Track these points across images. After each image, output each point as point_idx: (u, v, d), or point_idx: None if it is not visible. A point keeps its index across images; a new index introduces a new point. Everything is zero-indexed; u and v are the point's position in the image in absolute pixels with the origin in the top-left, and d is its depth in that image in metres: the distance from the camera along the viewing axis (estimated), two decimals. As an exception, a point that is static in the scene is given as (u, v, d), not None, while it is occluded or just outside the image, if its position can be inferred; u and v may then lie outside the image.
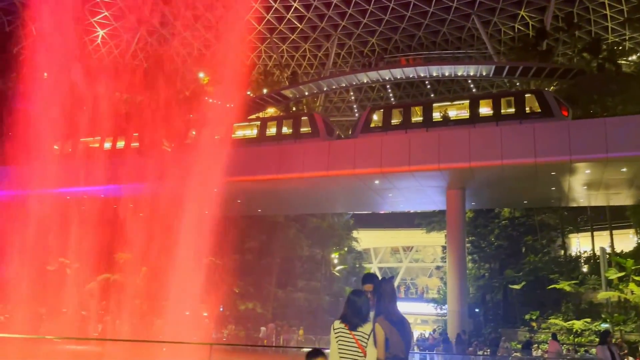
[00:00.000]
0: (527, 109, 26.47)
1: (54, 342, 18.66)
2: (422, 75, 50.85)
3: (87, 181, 33.99)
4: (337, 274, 54.32)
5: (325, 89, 55.13)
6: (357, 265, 59.51)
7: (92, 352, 18.91)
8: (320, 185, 30.36)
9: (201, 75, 64.30)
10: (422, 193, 30.72)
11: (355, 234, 57.75)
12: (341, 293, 53.43)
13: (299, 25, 64.71)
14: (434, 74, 50.60)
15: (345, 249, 56.28)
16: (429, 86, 65.63)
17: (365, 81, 53.34)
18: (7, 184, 36.63)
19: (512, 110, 26.81)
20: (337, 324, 5.71)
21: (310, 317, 46.57)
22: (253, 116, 52.54)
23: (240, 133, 34.81)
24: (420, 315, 53.22)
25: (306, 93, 54.64)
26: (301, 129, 31.56)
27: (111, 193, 35.59)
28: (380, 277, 6.20)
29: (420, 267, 73.19)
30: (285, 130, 32.38)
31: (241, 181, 30.13)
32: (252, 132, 34.46)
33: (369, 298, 5.81)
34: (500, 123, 26.06)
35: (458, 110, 29.36)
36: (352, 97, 71.39)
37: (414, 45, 61.99)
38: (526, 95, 27.62)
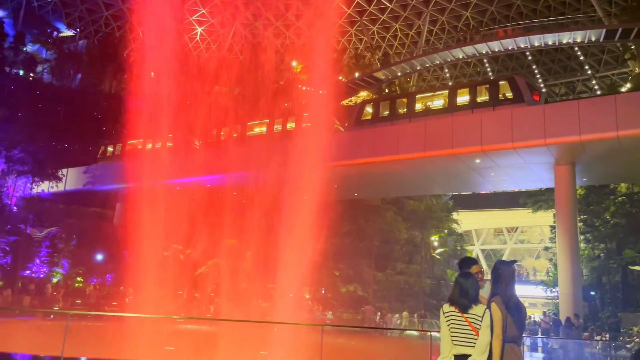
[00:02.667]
0: (501, 95, 27.70)
1: (175, 322, 20.19)
2: (522, 46, 47.89)
3: (193, 171, 36.13)
4: (438, 256, 53.33)
5: (418, 68, 53.81)
6: (459, 248, 57.99)
7: (207, 331, 20.21)
8: (417, 167, 29.83)
9: (294, 63, 65.45)
10: (527, 170, 29.11)
11: (455, 215, 56.20)
12: (442, 276, 52.47)
13: (388, 5, 63.57)
14: (536, 44, 47.41)
15: (445, 231, 55.00)
16: (530, 57, 61.79)
17: (460, 57, 51.30)
18: (124, 177, 39.93)
19: (486, 98, 28.37)
20: (446, 307, 5.61)
21: (412, 300, 46.29)
22: (345, 101, 52.73)
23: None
24: (528, 298, 50.81)
25: (399, 74, 53.69)
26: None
27: (216, 182, 37.55)
28: (482, 261, 6.02)
29: (527, 248, 69.77)
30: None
31: (338, 166, 30.40)
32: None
33: (478, 280, 5.67)
34: (475, 111, 27.67)
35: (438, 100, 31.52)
36: (447, 75, 69.09)
37: (512, 15, 58.56)
38: (500, 83, 28.79)
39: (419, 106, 31.56)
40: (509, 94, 27.58)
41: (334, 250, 45.24)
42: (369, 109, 33.81)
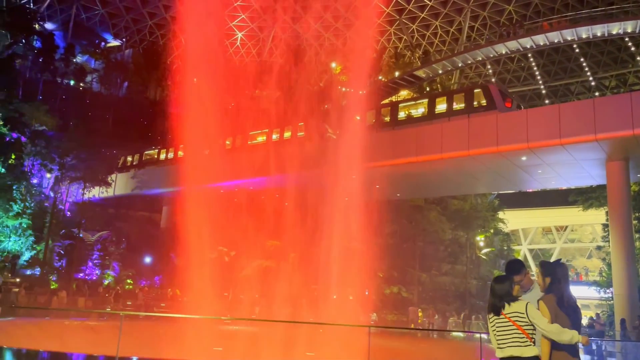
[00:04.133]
0: (476, 103, 28.84)
1: (222, 322, 20.54)
2: (569, 38, 46.27)
3: (236, 174, 36.68)
4: (484, 257, 52.21)
5: (460, 65, 52.82)
6: (505, 248, 56.61)
7: (253, 332, 20.46)
8: (460, 166, 29.30)
9: (333, 65, 65.55)
10: (577, 167, 28.13)
11: (501, 214, 54.89)
12: (489, 277, 51.28)
13: (428, 2, 62.79)
14: (584, 36, 45.71)
15: (491, 231, 53.78)
16: (577, 50, 59.70)
17: (503, 52, 50.04)
18: (169, 181, 40.97)
19: (462, 105, 29.52)
20: (489, 315, 5.56)
21: (458, 301, 45.49)
22: (386, 100, 52.36)
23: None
24: (580, 299, 48.97)
25: (440, 71, 52.87)
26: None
27: (258, 185, 38.00)
28: (530, 261, 5.88)
29: (577, 247, 67.37)
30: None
31: (379, 166, 30.24)
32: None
33: (512, 281, 5.54)
34: (452, 118, 28.95)
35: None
36: (490, 71, 67.62)
37: (557, 7, 56.71)
38: (475, 91, 29.99)
39: (402, 114, 32.99)
40: (483, 102, 28.77)
41: (377, 251, 44.95)
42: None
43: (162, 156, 46.75)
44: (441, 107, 30.74)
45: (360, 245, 39.61)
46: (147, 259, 46.36)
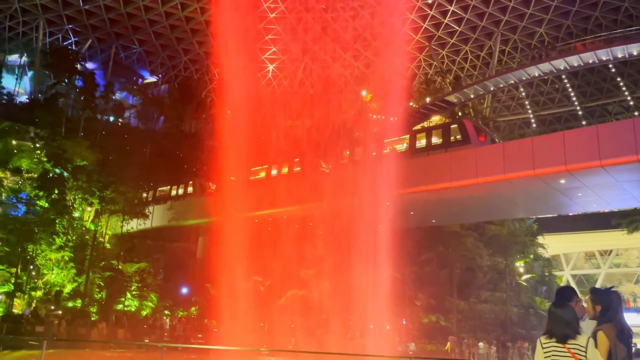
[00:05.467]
0: (452, 138, 30.40)
1: (260, 353, 20.42)
2: (604, 58, 45.50)
3: (270, 204, 36.91)
4: (524, 283, 50.63)
5: (492, 89, 52.46)
6: (547, 274, 54.81)
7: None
8: (497, 190, 28.78)
9: (364, 93, 65.97)
10: (619, 189, 27.25)
11: (540, 239, 53.33)
12: (530, 304, 49.63)
13: (457, 28, 62.94)
14: (619, 55, 44.89)
15: (531, 256, 52.24)
16: (613, 70, 58.48)
17: (536, 75, 49.50)
18: (205, 212, 41.54)
19: (439, 140, 31.42)
20: (544, 339, 5.26)
21: (499, 330, 44.04)
22: (418, 126, 52.23)
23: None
24: (629, 327, 46.79)
25: (472, 96, 52.59)
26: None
27: (292, 213, 38.11)
28: (573, 286, 5.68)
29: (624, 272, 64.65)
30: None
31: (413, 192, 30.00)
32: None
33: (575, 309, 5.31)
34: (430, 152, 30.66)
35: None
36: (523, 94, 66.77)
37: (590, 28, 55.97)
38: (452, 127, 31.75)
39: (386, 150, 34.52)
40: (459, 136, 30.25)
41: (413, 279, 44.20)
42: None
43: (194, 187, 47.53)
44: (421, 142, 32.91)
45: (396, 273, 39.10)
46: (184, 290, 46.76)
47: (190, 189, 47.33)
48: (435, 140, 31.86)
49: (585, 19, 56.57)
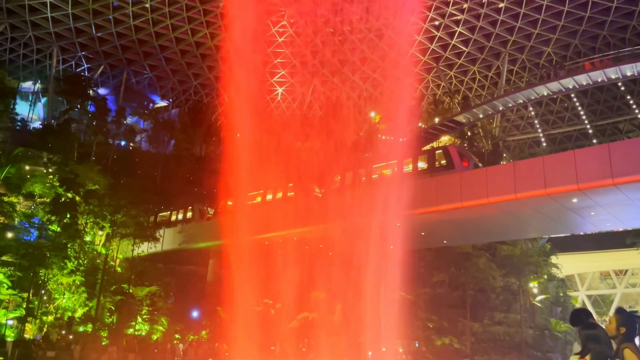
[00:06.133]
0: (437, 163, 31.66)
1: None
2: (613, 77, 45.47)
3: (280, 226, 36.84)
4: (539, 304, 49.75)
5: (500, 109, 52.46)
6: (561, 295, 53.84)
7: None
8: (508, 210, 28.51)
9: (372, 114, 66.28)
10: (633, 208, 26.88)
11: (554, 259, 52.53)
12: (546, 325, 48.69)
13: (464, 49, 63.34)
14: (628, 74, 44.84)
15: (545, 276, 51.41)
16: (622, 88, 58.37)
17: (545, 94, 49.51)
18: (215, 235, 41.57)
19: (425, 165, 32.68)
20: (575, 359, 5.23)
21: (514, 352, 43.20)
22: (427, 146, 52.27)
23: None
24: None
25: (480, 115, 52.61)
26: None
27: (302, 235, 38.00)
28: (589, 307, 5.61)
29: (640, 292, 63.42)
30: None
31: (424, 213, 29.83)
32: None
33: (604, 329, 5.29)
34: (417, 177, 31.67)
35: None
36: (532, 113, 66.72)
37: (598, 47, 56.10)
38: (436, 152, 33.03)
39: (375, 176, 35.39)
40: (443, 162, 31.47)
41: (425, 301, 43.69)
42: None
43: (205, 209, 47.77)
44: (408, 167, 33.86)
45: (408, 295, 38.70)
46: (195, 313, 46.53)
47: (189, 214, 48.17)
48: (422, 165, 33.27)
49: (593, 38, 56.75)
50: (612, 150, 23.89)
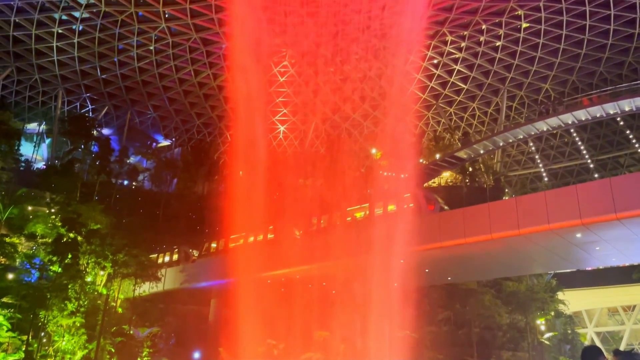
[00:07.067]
0: (406, 206, 33.98)
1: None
2: (611, 112, 45.82)
3: (282, 264, 36.58)
4: (547, 342, 48.77)
5: (501, 144, 52.74)
6: (569, 332, 52.83)
7: None
8: (512, 246, 28.36)
9: (373, 151, 66.71)
10: (638, 243, 26.74)
11: (560, 295, 51.82)
12: (555, 364, 47.65)
13: (463, 86, 64.25)
14: (626, 109, 45.19)
15: (552, 313, 50.59)
16: (622, 123, 58.85)
17: (544, 129, 49.83)
18: (217, 274, 41.22)
19: (395, 208, 35.21)
20: None
21: (524, 393, 42.13)
22: (430, 182, 52.41)
23: None
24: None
25: (481, 151, 52.84)
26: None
27: (305, 273, 37.67)
28: (599, 344, 5.54)
29: (650, 329, 62.13)
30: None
31: (427, 249, 29.66)
32: None
33: None
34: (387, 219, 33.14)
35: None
36: (533, 148, 67.06)
37: (596, 83, 56.91)
38: (405, 196, 35.17)
39: (349, 219, 37.64)
40: (411, 204, 33.71)
41: (431, 339, 42.90)
42: None
43: (207, 248, 47.57)
44: (379, 210, 36.03)
45: (413, 333, 38.01)
46: (196, 354, 45.66)
47: (175, 257, 48.80)
48: (392, 207, 35.79)
49: (590, 75, 57.60)
50: (614, 185, 23.93)
